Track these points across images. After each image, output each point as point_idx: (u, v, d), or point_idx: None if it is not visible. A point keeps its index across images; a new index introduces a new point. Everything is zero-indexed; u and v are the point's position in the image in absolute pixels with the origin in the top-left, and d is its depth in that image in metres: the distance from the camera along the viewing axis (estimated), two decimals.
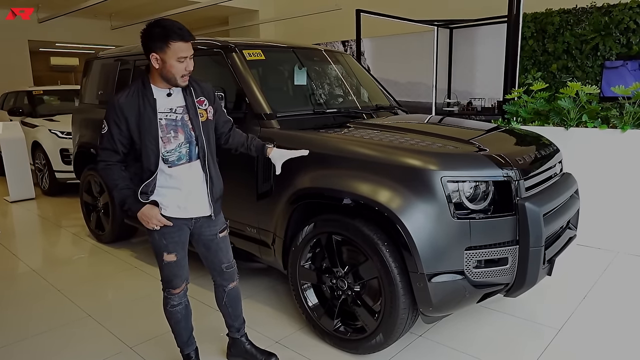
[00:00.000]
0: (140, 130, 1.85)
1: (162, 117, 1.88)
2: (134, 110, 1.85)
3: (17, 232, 4.88)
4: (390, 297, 2.12)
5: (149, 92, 1.87)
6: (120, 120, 1.85)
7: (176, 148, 1.90)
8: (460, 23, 7.37)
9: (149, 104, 1.85)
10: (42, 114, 6.72)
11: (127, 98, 1.85)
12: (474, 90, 7.67)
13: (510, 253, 2.12)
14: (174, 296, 2.09)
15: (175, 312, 2.12)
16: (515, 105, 4.24)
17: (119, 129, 1.87)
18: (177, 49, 1.80)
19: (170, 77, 1.85)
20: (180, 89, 1.94)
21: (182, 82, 1.87)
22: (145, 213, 1.92)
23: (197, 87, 1.99)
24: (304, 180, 2.42)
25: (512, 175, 2.14)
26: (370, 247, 2.15)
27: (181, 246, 2.03)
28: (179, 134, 1.91)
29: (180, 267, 2.05)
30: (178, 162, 1.92)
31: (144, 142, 1.86)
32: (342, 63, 3.69)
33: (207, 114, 1.99)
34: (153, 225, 1.94)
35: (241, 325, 2.33)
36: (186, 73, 1.85)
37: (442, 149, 2.25)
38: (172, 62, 1.81)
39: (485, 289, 2.16)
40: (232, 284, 2.22)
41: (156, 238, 1.99)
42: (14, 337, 2.65)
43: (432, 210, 2.04)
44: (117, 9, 10.41)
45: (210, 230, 2.08)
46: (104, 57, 4.18)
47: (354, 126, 2.77)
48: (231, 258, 2.20)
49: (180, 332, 2.17)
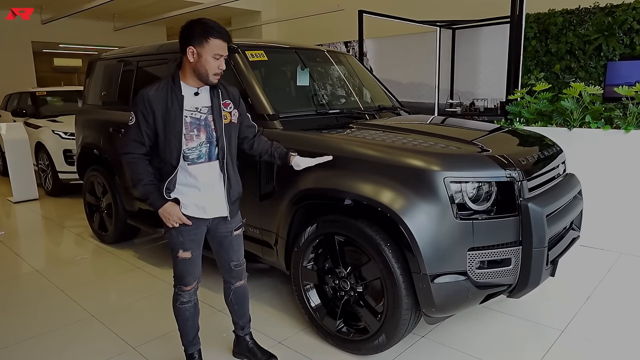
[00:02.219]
0: (166, 124, 1.90)
1: (187, 115, 1.92)
2: (161, 104, 1.89)
3: (20, 233, 4.89)
4: (392, 297, 2.12)
5: (177, 88, 1.91)
6: (147, 113, 1.90)
7: (197, 146, 1.94)
8: (462, 23, 7.36)
9: (177, 100, 1.90)
10: (46, 115, 6.75)
11: (156, 92, 1.90)
12: (477, 90, 7.65)
13: (513, 254, 2.12)
14: (185, 293, 2.12)
15: (184, 309, 2.14)
16: (518, 105, 4.24)
17: (146, 121, 1.91)
18: (215, 46, 1.86)
19: (202, 73, 1.89)
20: (207, 90, 1.98)
21: (213, 80, 1.91)
22: (167, 210, 1.95)
23: (224, 89, 2.04)
24: (307, 181, 2.42)
25: (515, 176, 2.14)
26: (373, 247, 2.14)
27: (196, 244, 2.07)
28: (201, 133, 1.95)
29: (194, 264, 2.08)
30: (197, 160, 1.96)
31: (167, 137, 1.90)
32: (344, 64, 3.69)
33: (231, 117, 2.03)
34: (173, 223, 1.97)
35: (246, 323, 2.35)
36: (218, 72, 1.90)
37: (445, 149, 2.25)
38: (208, 58, 1.86)
39: (488, 289, 2.15)
40: (240, 283, 2.25)
41: (173, 235, 2.02)
42: (18, 337, 2.66)
43: (434, 211, 2.04)
44: (120, 10, 10.44)
45: (226, 228, 2.12)
46: (107, 58, 4.20)
47: (357, 127, 2.77)
48: (241, 257, 2.23)
49: (187, 331, 2.19)
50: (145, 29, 11.87)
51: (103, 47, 10.97)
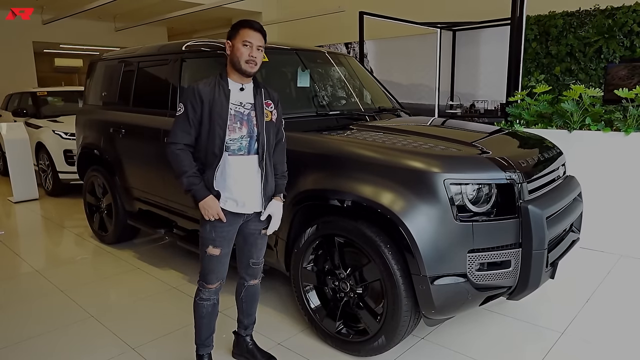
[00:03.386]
0: (212, 113, 1.98)
1: (232, 107, 2.01)
2: (210, 95, 1.99)
3: (20, 233, 4.89)
4: (392, 299, 2.12)
5: (225, 82, 2.03)
6: (196, 102, 1.98)
7: (238, 139, 2.02)
8: (463, 25, 7.37)
9: (224, 92, 2.00)
10: (46, 115, 6.75)
11: (205, 85, 2.01)
12: (477, 92, 7.66)
13: (513, 256, 2.12)
14: (205, 290, 2.16)
15: (202, 305, 2.17)
16: (519, 107, 4.24)
17: (194, 111, 1.99)
18: (244, 34, 1.97)
19: (235, 61, 1.99)
20: (251, 88, 2.07)
21: (246, 68, 1.98)
22: (208, 203, 1.99)
23: (267, 91, 2.14)
24: (307, 182, 2.42)
25: (515, 178, 2.14)
26: (373, 249, 2.15)
27: (227, 242, 2.11)
28: (243, 127, 2.03)
29: (220, 263, 2.12)
30: (238, 152, 2.02)
31: (212, 125, 1.98)
32: (345, 65, 3.69)
33: (272, 115, 2.12)
34: (210, 217, 2.01)
35: (250, 324, 2.38)
36: (250, 59, 1.97)
37: (445, 151, 2.25)
38: (239, 46, 1.97)
39: (488, 291, 2.15)
40: (254, 281, 2.29)
41: (207, 229, 2.07)
42: (17, 337, 2.66)
43: (434, 213, 2.04)
44: (121, 11, 10.46)
45: (256, 226, 2.16)
46: (108, 58, 4.20)
47: (357, 128, 2.77)
48: (261, 256, 2.26)
49: (202, 329, 2.21)
50: (146, 29, 11.89)
51: (104, 47, 10.99)
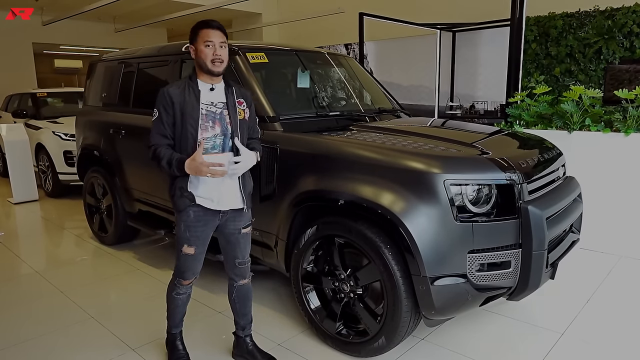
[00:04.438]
0: (183, 114, 2.01)
1: (203, 108, 2.04)
2: (180, 97, 2.03)
3: (20, 234, 4.89)
4: (392, 300, 2.12)
5: (194, 84, 2.06)
6: (168, 105, 2.02)
7: (212, 137, 2.04)
8: (463, 26, 7.38)
9: (194, 93, 2.04)
10: (46, 116, 6.75)
11: (175, 88, 2.05)
12: (477, 93, 7.66)
13: (513, 256, 2.12)
14: (182, 286, 2.24)
15: (179, 298, 2.27)
16: (518, 108, 4.24)
17: (167, 113, 2.03)
18: (204, 34, 2.01)
19: (202, 63, 2.02)
20: (222, 87, 2.10)
21: (213, 68, 2.02)
22: (196, 159, 1.92)
23: (239, 90, 2.18)
24: (307, 183, 2.42)
25: (515, 179, 2.14)
26: (373, 250, 2.15)
27: (202, 242, 2.15)
28: (216, 126, 2.05)
29: (196, 261, 2.17)
30: (211, 150, 2.04)
31: (184, 126, 2.01)
32: (345, 66, 3.70)
33: (245, 113, 2.15)
34: (207, 170, 1.92)
35: (247, 324, 2.39)
36: (215, 58, 2.00)
37: (445, 152, 2.25)
38: (201, 47, 2.00)
39: (488, 292, 2.15)
40: (243, 281, 2.31)
41: (182, 229, 2.11)
42: (17, 338, 2.66)
43: (435, 214, 2.04)
44: (121, 12, 10.46)
45: (235, 225, 2.18)
46: (108, 59, 4.20)
47: (357, 129, 2.78)
48: (246, 255, 2.28)
49: (176, 316, 2.33)
50: (146, 30, 11.89)
51: (104, 48, 10.99)
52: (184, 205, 2.07)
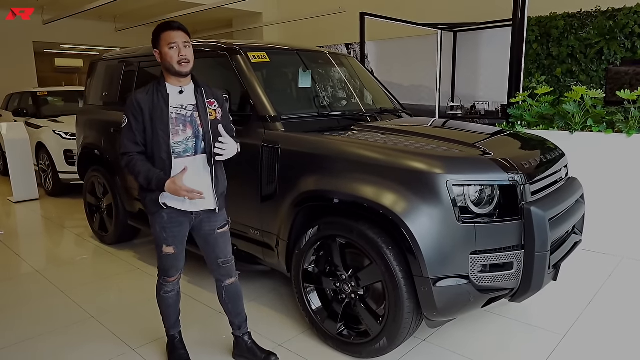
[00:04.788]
0: (153, 120, 2.00)
1: (172, 111, 2.03)
2: (148, 103, 2.01)
3: (20, 233, 4.88)
4: (394, 301, 2.11)
5: (163, 88, 2.05)
6: (137, 112, 2.01)
7: (183, 141, 2.04)
8: (464, 26, 7.37)
9: (162, 97, 2.02)
10: (47, 115, 6.74)
11: (143, 94, 2.04)
12: (478, 93, 7.65)
13: (516, 258, 2.11)
14: (168, 284, 2.25)
15: (168, 297, 2.28)
16: (520, 109, 4.23)
17: (137, 120, 2.02)
18: (166, 37, 1.99)
19: (169, 66, 2.01)
20: (192, 89, 2.09)
21: (180, 69, 2.00)
22: (176, 183, 1.96)
23: (209, 90, 2.15)
24: (308, 183, 2.41)
25: (518, 180, 2.13)
26: (375, 250, 2.14)
27: (180, 240, 2.16)
28: (187, 129, 2.04)
29: (177, 259, 2.19)
30: (184, 154, 2.04)
31: (155, 131, 2.00)
32: (346, 66, 3.69)
33: (216, 114, 2.12)
34: (185, 194, 1.96)
35: (242, 323, 2.37)
36: (181, 59, 1.99)
37: (447, 152, 2.24)
38: (166, 50, 1.99)
39: (490, 293, 2.14)
40: (230, 280, 2.29)
41: (157, 230, 2.12)
42: (17, 337, 2.65)
43: (437, 214, 2.03)
44: (122, 11, 10.45)
45: (210, 226, 2.18)
46: (109, 58, 4.19)
47: (359, 129, 2.77)
48: (229, 254, 2.27)
49: (170, 316, 2.33)
50: (146, 30, 11.87)
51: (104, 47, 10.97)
52: (156, 208, 2.08)
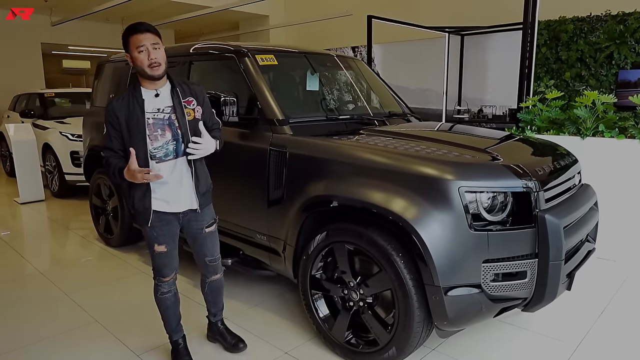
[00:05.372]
0: (130, 128, 2.00)
1: (149, 117, 2.02)
2: (124, 111, 2.00)
3: (25, 234, 4.87)
4: (404, 309, 2.07)
5: (138, 93, 2.03)
6: (114, 121, 2.02)
7: (163, 145, 2.04)
8: (471, 30, 7.32)
9: (138, 104, 2.01)
10: (54, 116, 6.76)
11: (119, 101, 2.03)
12: (485, 97, 7.59)
13: (529, 266, 2.06)
14: (164, 284, 2.24)
15: (165, 299, 2.27)
16: (530, 113, 4.18)
17: (114, 129, 2.03)
18: (134, 40, 1.95)
19: (140, 70, 1.99)
20: (168, 90, 2.06)
21: (152, 72, 1.97)
22: (131, 169, 1.93)
23: (187, 88, 2.12)
24: (316, 188, 2.37)
25: (532, 186, 2.08)
26: (384, 257, 2.09)
27: (171, 238, 2.17)
28: (166, 132, 2.04)
29: (170, 257, 2.20)
30: (165, 158, 2.05)
31: (133, 139, 2.00)
32: (354, 69, 3.65)
33: (195, 113, 2.10)
34: (142, 178, 1.94)
35: (218, 311, 2.52)
36: (151, 62, 1.95)
37: (459, 158, 2.20)
38: (135, 54, 1.96)
39: (503, 303, 2.09)
40: (215, 277, 2.38)
41: (147, 230, 2.14)
42: (20, 341, 2.62)
43: (448, 221, 1.99)
44: (129, 13, 10.49)
45: (197, 225, 2.22)
46: (116, 60, 4.18)
47: (367, 133, 2.73)
48: (216, 253, 2.33)
49: (170, 319, 2.32)
50: None
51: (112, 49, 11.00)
52: (141, 206, 2.11)
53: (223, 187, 2.85)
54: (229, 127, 2.81)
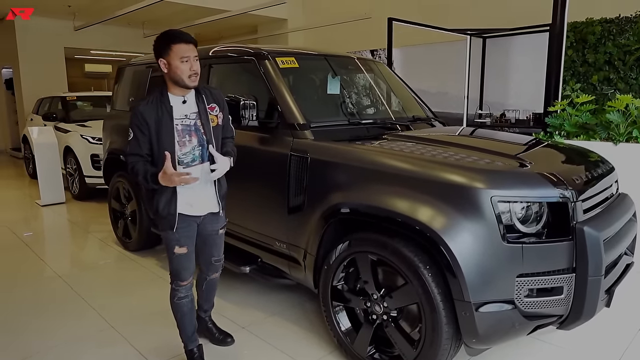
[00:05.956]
0: (159, 135, 2.01)
1: (178, 123, 2.04)
2: (153, 116, 2.01)
3: (46, 236, 4.90)
4: (431, 325, 1.96)
5: (166, 99, 2.04)
6: (143, 126, 2.01)
7: (190, 151, 2.07)
8: (494, 32, 7.15)
9: (167, 110, 2.02)
10: (75, 120, 6.83)
11: (147, 106, 2.02)
12: (507, 101, 7.41)
13: (566, 282, 1.93)
14: (181, 288, 2.23)
15: (182, 304, 2.25)
16: (559, 118, 4.01)
17: (142, 133, 2.02)
18: (179, 50, 1.96)
19: (177, 79, 2.00)
20: (193, 96, 2.09)
21: (190, 83, 2.01)
22: (167, 172, 1.93)
23: (209, 93, 2.15)
24: (339, 196, 2.29)
25: (569, 196, 1.96)
26: (411, 270, 1.99)
27: (191, 240, 2.20)
28: (193, 138, 2.07)
29: (189, 260, 2.21)
30: (192, 163, 2.08)
31: (161, 145, 2.01)
32: (375, 72, 3.56)
33: (218, 119, 2.15)
34: (179, 181, 1.95)
35: (209, 308, 2.56)
36: (192, 73, 1.99)
37: (491, 165, 2.08)
38: (177, 64, 1.97)
39: (537, 320, 1.97)
40: (215, 275, 2.43)
41: (169, 232, 2.13)
42: (33, 348, 2.59)
43: (480, 233, 1.88)
44: (150, 18, 10.59)
45: (213, 227, 2.26)
46: (136, 64, 4.18)
47: (391, 138, 2.63)
48: (222, 254, 2.39)
49: (186, 326, 2.30)
50: None
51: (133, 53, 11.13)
52: (165, 211, 2.11)
53: (242, 192, 2.79)
54: (249, 132, 2.75)
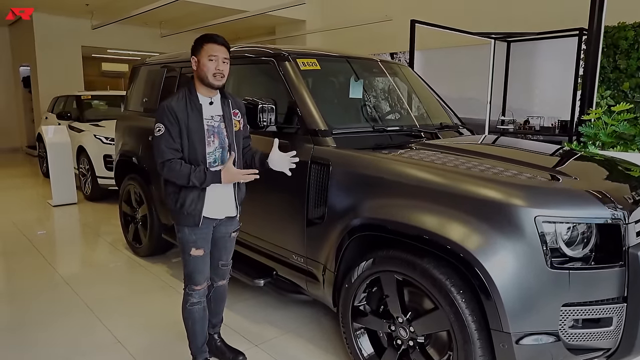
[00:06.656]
0: (189, 131, 2.01)
1: (205, 122, 2.06)
2: (183, 112, 2.01)
3: (56, 238, 4.82)
4: (464, 356, 1.77)
5: (195, 97, 2.06)
6: (173, 120, 2.00)
7: (213, 151, 2.08)
8: (519, 36, 6.91)
9: (196, 108, 2.04)
10: (89, 119, 6.78)
11: (178, 102, 2.03)
12: (532, 108, 7.16)
13: (616, 312, 1.74)
14: (195, 293, 2.18)
15: (194, 310, 2.19)
16: (594, 127, 3.79)
17: (173, 127, 2.01)
18: (209, 49, 2.01)
19: (203, 76, 2.02)
20: (219, 99, 2.11)
21: (214, 81, 2.02)
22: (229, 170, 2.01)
23: (233, 100, 2.19)
24: (362, 210, 2.11)
25: (620, 217, 1.76)
26: (442, 294, 1.81)
27: (207, 242, 2.17)
28: (215, 140, 2.08)
29: (204, 263, 2.17)
30: (214, 164, 2.09)
31: (192, 142, 2.02)
32: (399, 76, 3.38)
33: (240, 124, 2.18)
34: (243, 178, 2.04)
35: (218, 323, 2.45)
36: (217, 72, 2.01)
37: (533, 181, 1.89)
38: (204, 61, 2.00)
39: (583, 354, 1.77)
40: (222, 282, 2.36)
41: (186, 233, 2.11)
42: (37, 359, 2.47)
43: (522, 256, 1.69)
44: (167, 18, 10.56)
45: (226, 229, 2.23)
46: (151, 63, 4.06)
47: (418, 147, 2.45)
48: (230, 259, 2.34)
49: (197, 335, 2.24)
50: (190, 35, 11.86)
51: (149, 53, 11.11)
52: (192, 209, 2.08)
53: (258, 202, 2.63)
54: (267, 137, 2.59)
